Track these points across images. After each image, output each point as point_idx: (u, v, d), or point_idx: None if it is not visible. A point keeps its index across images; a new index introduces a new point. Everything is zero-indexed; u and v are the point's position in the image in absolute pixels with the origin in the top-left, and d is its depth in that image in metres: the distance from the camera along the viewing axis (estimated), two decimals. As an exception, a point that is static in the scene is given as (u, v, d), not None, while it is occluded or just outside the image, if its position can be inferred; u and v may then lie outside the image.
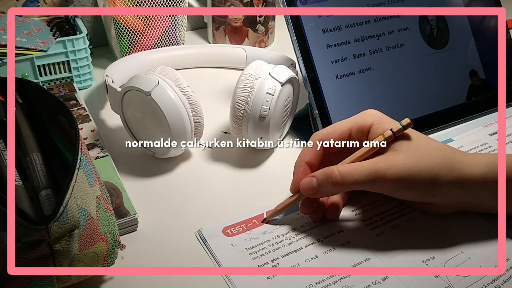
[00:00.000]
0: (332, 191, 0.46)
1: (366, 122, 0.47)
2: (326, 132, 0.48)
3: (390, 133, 0.45)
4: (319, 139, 0.48)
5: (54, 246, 0.35)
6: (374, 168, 0.44)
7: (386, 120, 0.47)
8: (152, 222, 0.49)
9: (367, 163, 0.44)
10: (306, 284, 0.43)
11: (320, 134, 0.48)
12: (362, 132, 0.47)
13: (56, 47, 0.66)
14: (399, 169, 0.43)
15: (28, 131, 0.46)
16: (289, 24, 0.57)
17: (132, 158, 0.57)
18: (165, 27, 0.75)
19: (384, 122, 0.47)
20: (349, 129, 0.48)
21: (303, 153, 0.48)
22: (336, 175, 0.44)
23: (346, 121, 0.49)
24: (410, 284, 0.43)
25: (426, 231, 0.48)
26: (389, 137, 0.45)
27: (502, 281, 0.43)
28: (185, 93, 0.52)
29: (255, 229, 0.48)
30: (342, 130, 0.48)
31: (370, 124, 0.47)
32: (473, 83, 0.67)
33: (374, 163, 0.44)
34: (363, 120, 0.48)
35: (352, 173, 0.44)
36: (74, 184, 0.36)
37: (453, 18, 0.66)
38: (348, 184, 0.44)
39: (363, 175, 0.44)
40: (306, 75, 0.57)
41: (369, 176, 0.44)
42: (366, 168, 0.44)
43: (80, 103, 0.64)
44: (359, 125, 0.48)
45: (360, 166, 0.44)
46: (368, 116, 0.48)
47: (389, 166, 0.44)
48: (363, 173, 0.44)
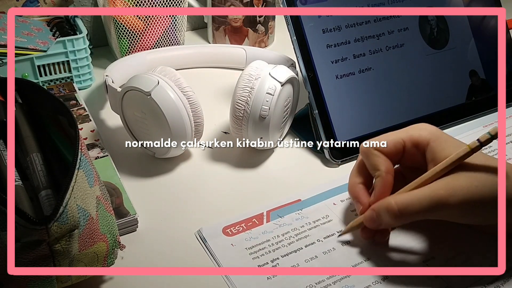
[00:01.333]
0: (393, 223, 0.43)
1: (422, 137, 0.44)
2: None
3: (477, 143, 0.42)
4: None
5: (54, 246, 0.35)
6: (435, 196, 0.41)
7: (442, 136, 0.45)
8: (152, 222, 0.49)
9: (427, 191, 0.42)
10: (306, 284, 0.43)
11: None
12: (417, 148, 0.45)
13: (56, 47, 0.66)
14: (463, 194, 0.41)
15: (28, 131, 0.46)
16: (289, 24, 0.57)
17: (132, 158, 0.57)
18: (165, 27, 0.75)
19: (441, 139, 0.44)
20: (404, 141, 0.45)
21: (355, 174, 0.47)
22: (393, 208, 0.42)
23: (398, 132, 0.46)
24: (410, 284, 0.43)
25: (426, 231, 0.48)
26: (475, 147, 0.42)
27: (502, 281, 0.43)
28: (185, 93, 0.52)
29: (255, 229, 0.48)
30: (397, 141, 0.45)
31: (427, 141, 0.44)
32: (473, 83, 0.67)
33: (435, 190, 0.42)
34: (419, 135, 0.45)
35: (411, 204, 0.42)
36: (74, 184, 0.36)
37: (453, 18, 0.66)
38: (408, 216, 0.42)
39: (424, 205, 0.41)
40: (306, 75, 0.57)
41: (431, 205, 0.41)
42: (427, 197, 0.41)
43: (80, 103, 0.64)
44: (415, 139, 0.45)
45: (419, 196, 0.42)
46: (424, 131, 0.45)
47: (452, 192, 0.41)
48: (424, 203, 0.41)
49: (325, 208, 0.51)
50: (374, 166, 0.45)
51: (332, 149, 0.57)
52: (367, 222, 0.45)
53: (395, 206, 0.42)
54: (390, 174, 0.45)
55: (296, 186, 0.54)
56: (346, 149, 0.58)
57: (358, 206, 0.47)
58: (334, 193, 0.52)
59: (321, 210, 0.50)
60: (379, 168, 0.45)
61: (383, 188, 0.44)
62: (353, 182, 0.47)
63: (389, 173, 0.45)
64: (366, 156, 0.46)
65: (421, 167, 0.45)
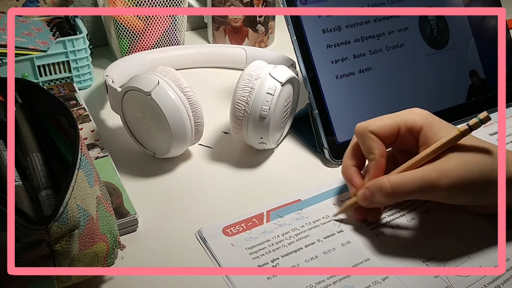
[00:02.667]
0: (386, 201, 0.45)
1: (416, 123, 0.46)
2: (377, 126, 0.46)
3: (466, 127, 0.43)
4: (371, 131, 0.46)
5: (54, 246, 0.35)
6: (427, 177, 0.43)
7: (435, 121, 0.46)
8: (152, 222, 0.49)
9: (419, 172, 0.43)
10: (306, 284, 0.43)
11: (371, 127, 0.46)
12: (410, 133, 0.46)
13: (56, 47, 0.66)
14: (453, 177, 0.42)
15: (28, 131, 0.46)
16: (289, 24, 0.57)
17: (132, 158, 0.58)
18: (165, 27, 0.75)
19: (434, 125, 0.45)
20: (399, 125, 0.46)
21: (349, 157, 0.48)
22: (387, 187, 0.43)
23: (393, 116, 0.47)
24: (410, 284, 0.43)
25: (426, 231, 0.48)
26: (465, 131, 0.43)
27: (502, 281, 0.43)
28: (185, 93, 0.52)
29: (255, 229, 0.48)
30: (392, 126, 0.46)
31: (420, 126, 0.46)
32: (473, 83, 0.67)
33: (426, 172, 0.43)
34: (413, 120, 0.46)
35: (404, 183, 0.43)
36: (74, 184, 0.36)
37: (453, 18, 0.66)
38: (400, 195, 0.44)
39: (415, 185, 0.43)
40: (306, 75, 0.57)
41: (422, 186, 0.43)
42: (419, 178, 0.43)
43: (80, 103, 0.64)
44: (409, 124, 0.46)
45: (411, 176, 0.43)
46: (418, 117, 0.46)
47: (442, 175, 0.42)
48: (416, 183, 0.43)
49: (325, 208, 0.51)
50: (369, 149, 0.46)
51: (332, 149, 0.57)
52: (360, 200, 0.46)
53: (388, 185, 0.44)
54: (383, 158, 0.46)
55: (296, 186, 0.54)
56: (346, 149, 0.58)
57: (351, 188, 0.48)
58: (334, 193, 0.53)
59: (321, 210, 0.50)
60: (374, 152, 0.46)
61: (377, 171, 0.46)
62: (346, 164, 0.49)
63: (383, 157, 0.46)
64: (361, 138, 0.47)
65: (413, 150, 0.47)
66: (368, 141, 0.46)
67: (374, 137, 0.46)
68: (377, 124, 0.46)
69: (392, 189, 0.43)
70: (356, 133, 0.48)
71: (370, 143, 0.46)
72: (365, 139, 0.46)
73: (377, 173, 0.46)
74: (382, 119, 0.47)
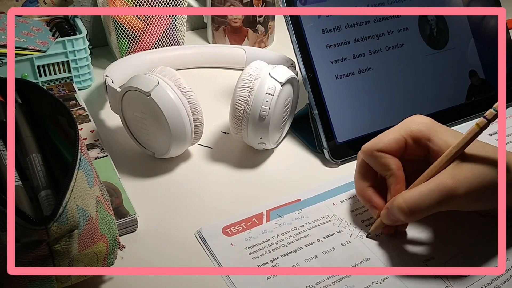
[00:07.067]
0: (408, 220, 0.44)
1: (422, 133, 0.45)
2: (384, 143, 0.45)
3: (484, 121, 0.42)
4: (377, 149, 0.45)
5: (53, 247, 0.35)
6: (444, 187, 0.41)
7: (440, 128, 0.45)
8: (152, 222, 0.49)
9: (433, 183, 0.42)
10: (306, 284, 0.43)
11: (378, 145, 0.45)
12: (418, 143, 0.45)
13: (55, 47, 0.66)
14: (470, 184, 0.41)
15: (28, 131, 0.46)
16: (289, 24, 0.57)
17: (132, 158, 0.57)
18: (165, 27, 0.75)
19: (441, 132, 0.45)
20: (404, 138, 0.45)
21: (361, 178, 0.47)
22: (403, 207, 0.42)
23: (396, 130, 0.46)
24: (410, 284, 0.43)
25: (426, 231, 0.48)
26: (483, 124, 0.42)
27: (502, 281, 0.43)
28: (185, 93, 0.52)
29: (255, 228, 0.48)
30: (399, 140, 0.45)
31: (427, 135, 0.45)
32: (473, 83, 0.67)
33: (442, 180, 0.42)
34: (418, 130, 0.45)
35: (422, 200, 0.42)
36: (73, 185, 0.36)
37: (453, 18, 0.66)
38: (420, 213, 0.42)
39: (434, 200, 0.41)
40: (306, 75, 0.57)
41: (440, 199, 0.41)
42: (436, 190, 0.42)
43: (79, 104, 0.64)
44: (415, 135, 0.45)
45: (427, 190, 0.42)
46: (422, 126, 0.45)
47: (459, 184, 0.41)
48: (434, 198, 0.41)
49: (325, 208, 0.51)
50: (385, 166, 0.45)
51: (331, 149, 0.57)
52: (385, 220, 0.45)
53: (404, 204, 0.42)
54: (401, 170, 0.45)
55: (296, 186, 0.54)
56: (346, 149, 0.58)
57: (373, 210, 0.47)
58: (334, 193, 0.53)
59: (321, 210, 0.50)
60: (390, 168, 0.45)
61: (397, 185, 0.45)
62: (361, 186, 0.47)
63: (400, 169, 0.45)
64: (372, 159, 0.46)
65: (421, 160, 0.46)
66: (380, 160, 0.45)
67: (384, 154, 0.45)
68: (384, 142, 0.45)
69: (409, 208, 0.42)
70: (363, 155, 0.46)
71: (383, 161, 0.45)
72: (376, 158, 0.45)
73: (398, 187, 0.45)
74: (386, 134, 0.46)
